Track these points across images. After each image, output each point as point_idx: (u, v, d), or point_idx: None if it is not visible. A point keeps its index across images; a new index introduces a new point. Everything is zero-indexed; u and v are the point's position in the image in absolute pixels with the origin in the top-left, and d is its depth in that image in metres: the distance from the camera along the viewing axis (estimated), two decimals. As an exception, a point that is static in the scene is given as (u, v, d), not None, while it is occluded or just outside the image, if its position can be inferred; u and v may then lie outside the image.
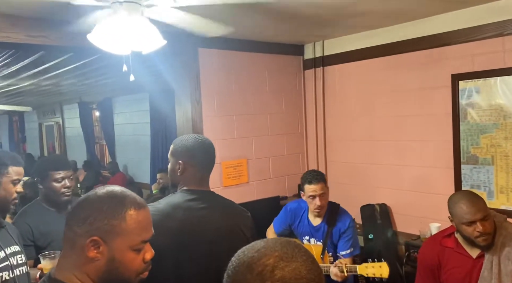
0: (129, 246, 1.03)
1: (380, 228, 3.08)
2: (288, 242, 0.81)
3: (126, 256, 1.03)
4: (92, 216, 1.01)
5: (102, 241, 1.00)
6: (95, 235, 1.00)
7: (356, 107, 3.34)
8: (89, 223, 1.00)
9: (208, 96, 3.11)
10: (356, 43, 3.25)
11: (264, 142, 3.48)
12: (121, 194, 1.06)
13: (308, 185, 2.42)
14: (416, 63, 2.91)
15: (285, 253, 0.77)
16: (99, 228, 1.00)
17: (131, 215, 1.03)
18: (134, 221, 1.04)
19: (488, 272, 1.83)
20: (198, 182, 1.66)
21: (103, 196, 1.04)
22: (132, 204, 1.05)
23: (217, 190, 3.19)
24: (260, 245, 0.80)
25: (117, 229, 1.01)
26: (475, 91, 2.62)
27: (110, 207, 1.02)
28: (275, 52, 3.50)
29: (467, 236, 1.84)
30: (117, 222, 1.02)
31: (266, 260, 0.76)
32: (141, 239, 1.05)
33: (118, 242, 1.01)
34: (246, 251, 0.80)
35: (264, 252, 0.78)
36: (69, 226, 1.03)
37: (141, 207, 1.07)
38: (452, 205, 1.88)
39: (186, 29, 2.41)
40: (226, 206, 1.69)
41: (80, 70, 4.27)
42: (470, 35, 2.60)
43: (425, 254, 2.07)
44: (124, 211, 1.03)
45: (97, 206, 1.02)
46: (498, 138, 2.55)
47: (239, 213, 1.69)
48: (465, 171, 2.70)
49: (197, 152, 1.65)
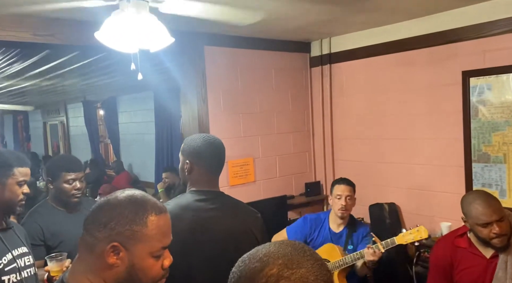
0: (149, 252, 1.00)
1: (389, 228, 3.04)
2: (292, 246, 0.75)
3: (146, 262, 1.00)
4: (114, 221, 0.98)
5: (123, 247, 0.97)
6: (116, 241, 0.97)
7: (364, 105, 3.30)
8: (110, 228, 0.97)
9: (214, 94, 3.08)
10: (364, 40, 3.20)
11: (271, 140, 3.45)
12: (142, 199, 1.03)
13: (337, 185, 2.51)
14: (426, 60, 2.87)
15: (289, 260, 0.71)
16: (120, 234, 0.97)
17: (152, 220, 1.00)
18: (156, 227, 1.01)
19: (503, 273, 1.80)
20: (206, 182, 1.63)
21: (124, 200, 1.01)
22: (153, 209, 1.02)
23: (224, 189, 3.16)
24: (262, 253, 0.74)
25: (138, 235, 0.98)
26: (486, 88, 2.58)
27: (131, 211, 0.99)
28: (282, 50, 3.46)
29: (483, 237, 1.80)
30: (139, 228, 0.98)
31: (269, 270, 0.70)
32: (162, 245, 1.02)
33: (138, 248, 0.98)
34: (247, 261, 0.74)
35: (267, 260, 0.72)
36: (88, 230, 1.00)
37: (162, 212, 1.04)
38: (466, 205, 1.84)
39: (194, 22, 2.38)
40: (236, 207, 1.66)
41: (85, 69, 4.24)
42: (481, 31, 2.56)
43: (437, 255, 2.04)
44: (146, 216, 1.00)
45: (119, 210, 0.99)
46: (510, 136, 2.51)
47: (249, 214, 1.66)
48: (476, 169, 2.66)
49: (204, 152, 1.62)
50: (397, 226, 3.04)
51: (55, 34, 2.34)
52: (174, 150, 5.55)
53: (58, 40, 2.35)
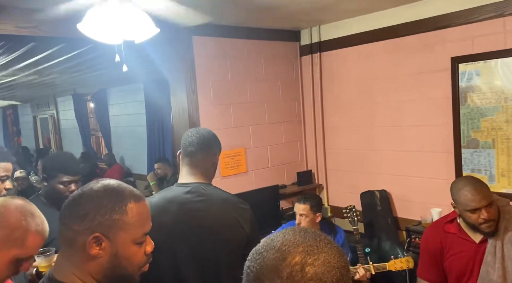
0: (132, 239, 1.01)
1: (380, 214, 3.06)
2: (306, 232, 0.74)
3: (129, 250, 1.00)
4: (93, 212, 0.97)
5: (104, 237, 0.97)
6: (97, 231, 0.96)
7: (354, 93, 3.29)
8: (90, 220, 0.97)
9: (204, 85, 3.06)
10: (353, 27, 3.19)
11: (262, 130, 3.44)
12: (119, 187, 1.03)
13: (296, 203, 2.68)
14: (415, 46, 2.86)
15: (309, 246, 0.70)
16: (101, 224, 0.97)
17: (132, 208, 1.01)
18: (136, 214, 1.01)
19: (492, 257, 1.82)
20: (192, 175, 1.63)
21: (100, 190, 1.01)
22: (131, 197, 1.02)
23: (216, 180, 3.15)
24: (278, 242, 0.72)
25: (119, 223, 0.99)
26: (475, 74, 2.59)
27: (110, 201, 0.99)
28: (271, 39, 3.43)
29: (471, 223, 1.82)
30: (119, 216, 0.99)
31: (292, 259, 0.68)
32: (143, 231, 1.03)
33: (121, 236, 0.99)
34: (264, 253, 0.71)
35: (287, 250, 0.70)
36: (66, 224, 0.99)
37: (140, 199, 1.04)
38: (455, 191, 1.85)
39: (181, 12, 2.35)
40: (223, 198, 1.64)
41: (73, 62, 4.18)
42: (469, 17, 2.55)
43: (428, 240, 2.05)
44: (125, 204, 1.00)
45: (97, 201, 0.99)
46: (498, 121, 2.52)
47: (236, 206, 1.63)
48: (465, 155, 2.68)
49: (190, 145, 1.63)
50: (388, 213, 3.07)
51: (39, 26, 2.29)
52: (166, 141, 5.53)
53: (42, 32, 2.30)
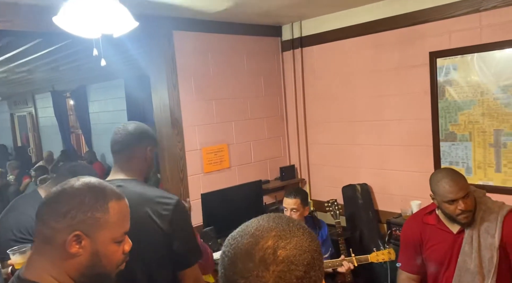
0: (112, 238, 1.00)
1: (361, 208, 3.11)
2: (279, 217, 0.77)
3: (109, 248, 1.00)
4: (74, 209, 0.96)
5: (85, 235, 0.96)
6: (78, 229, 0.95)
7: (335, 88, 3.32)
8: (71, 217, 0.95)
9: (185, 80, 3.03)
10: (334, 23, 3.21)
11: (245, 126, 3.43)
12: (101, 185, 1.02)
13: (284, 198, 2.67)
14: (395, 41, 2.90)
15: (282, 230, 0.73)
16: (82, 222, 0.96)
17: (114, 206, 1.00)
18: (117, 212, 1.01)
19: (469, 246, 1.86)
20: (116, 171, 1.61)
21: (82, 188, 0.99)
22: (113, 195, 1.02)
23: (198, 177, 3.16)
24: (252, 227, 0.74)
25: (101, 222, 0.98)
26: (452, 69, 2.64)
27: (92, 199, 0.98)
28: (253, 34, 3.43)
29: (449, 213, 1.86)
30: (101, 214, 0.98)
31: (265, 243, 0.71)
32: (123, 230, 1.03)
33: (101, 235, 0.98)
34: (239, 238, 0.74)
35: (260, 234, 0.72)
36: (45, 221, 0.96)
37: (121, 197, 1.04)
38: (434, 183, 1.89)
39: (161, 7, 2.32)
40: (138, 193, 1.53)
41: (50, 57, 4.09)
42: (446, 12, 2.60)
43: (407, 232, 2.09)
44: (107, 202, 1.00)
45: (78, 199, 0.97)
46: (475, 114, 2.58)
47: (152, 200, 1.51)
48: (444, 148, 2.74)
49: (114, 143, 1.63)
50: (369, 206, 3.11)
51: (13, 20, 2.23)
52: (147, 138, 5.47)
53: (16, 26, 2.24)
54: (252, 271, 0.69)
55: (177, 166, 2.99)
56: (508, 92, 2.43)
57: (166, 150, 3.01)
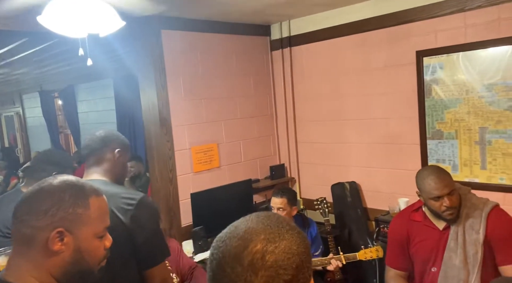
0: (94, 233, 1.01)
1: (350, 206, 3.13)
2: (268, 218, 0.76)
3: (92, 244, 1.01)
4: (55, 206, 0.96)
5: (67, 232, 0.96)
6: (60, 226, 0.95)
7: (324, 87, 3.34)
8: (52, 214, 0.95)
9: (174, 80, 3.03)
10: (322, 22, 3.22)
11: (234, 125, 3.44)
12: (79, 182, 1.03)
13: (272, 197, 2.72)
14: (382, 41, 2.93)
15: (271, 234, 0.72)
16: (64, 218, 0.96)
17: (94, 202, 1.02)
18: (97, 208, 1.02)
19: (454, 243, 1.89)
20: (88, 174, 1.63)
21: (61, 185, 1.00)
22: (92, 191, 1.04)
23: (188, 176, 3.15)
24: (241, 230, 0.73)
25: (83, 217, 0.99)
26: (439, 67, 2.67)
27: (72, 195, 0.99)
28: (242, 33, 3.43)
29: (435, 210, 1.89)
30: (82, 210, 0.99)
31: (254, 247, 0.70)
32: (104, 225, 1.05)
33: (84, 231, 0.99)
34: (227, 240, 0.73)
35: (249, 237, 0.71)
36: (24, 221, 0.95)
37: (99, 194, 1.06)
38: (420, 180, 1.92)
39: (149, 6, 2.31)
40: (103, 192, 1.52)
41: (37, 57, 4.05)
42: (432, 12, 2.63)
43: (394, 229, 2.12)
44: (87, 198, 1.01)
45: (58, 196, 0.97)
46: (461, 112, 2.62)
47: (116, 196, 1.50)
48: (431, 146, 2.77)
49: (83, 148, 1.67)
50: (358, 204, 3.14)
51: (-2, 20, 2.21)
52: (137, 138, 5.44)
53: (1, 25, 2.21)
54: (240, 275, 0.69)
55: (166, 165, 2.98)
56: (493, 90, 2.47)
57: (155, 149, 3.00)
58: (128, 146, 1.71)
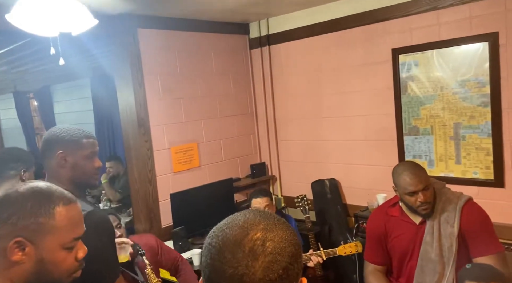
0: (60, 244, 0.97)
1: (330, 202, 3.16)
2: (264, 213, 0.80)
3: (57, 255, 0.97)
4: (16, 215, 0.92)
5: (28, 242, 0.93)
6: (20, 236, 0.92)
7: (303, 85, 3.36)
8: (12, 223, 0.92)
9: (152, 79, 2.99)
10: (300, 20, 3.24)
11: (214, 124, 3.42)
12: (47, 189, 0.99)
13: (253, 199, 2.72)
14: (359, 39, 2.96)
15: (268, 224, 0.76)
16: (25, 228, 0.92)
17: (60, 211, 0.97)
18: (64, 217, 0.98)
19: (430, 236, 1.93)
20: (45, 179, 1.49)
21: (26, 192, 0.96)
22: (60, 200, 0.99)
23: (168, 176, 3.12)
24: (239, 220, 0.77)
25: (46, 227, 0.95)
26: (414, 65, 2.72)
27: (35, 204, 0.95)
28: (220, 32, 3.41)
29: (410, 205, 1.92)
30: (45, 220, 0.95)
31: (254, 234, 0.74)
32: (73, 236, 1.00)
33: (47, 241, 0.95)
34: (226, 229, 0.76)
35: (249, 227, 0.75)
36: None
37: (70, 202, 1.01)
38: (396, 176, 1.95)
39: (125, 4, 2.27)
40: None
41: (10, 57, 3.93)
42: (407, 10, 2.68)
43: (372, 224, 2.15)
44: (52, 207, 0.96)
45: (20, 204, 0.94)
46: (436, 109, 2.67)
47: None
48: (407, 142, 2.82)
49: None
50: (338, 200, 3.17)
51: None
52: (116, 138, 5.36)
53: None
54: (241, 261, 0.71)
55: (145, 166, 2.94)
56: (466, 86, 2.53)
57: (133, 149, 2.96)
58: (77, 141, 1.48)
